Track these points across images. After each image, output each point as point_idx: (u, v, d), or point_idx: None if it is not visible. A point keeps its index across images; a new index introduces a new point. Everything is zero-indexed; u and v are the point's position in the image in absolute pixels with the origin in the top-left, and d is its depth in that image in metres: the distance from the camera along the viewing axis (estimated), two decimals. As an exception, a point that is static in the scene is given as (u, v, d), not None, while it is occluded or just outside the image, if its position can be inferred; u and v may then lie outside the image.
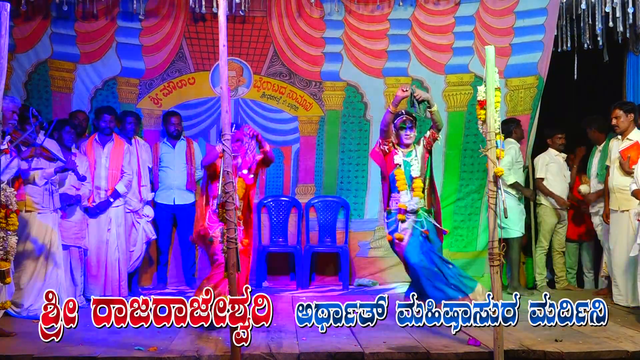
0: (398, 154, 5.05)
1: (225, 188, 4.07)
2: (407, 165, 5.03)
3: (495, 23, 6.73)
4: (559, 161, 6.68)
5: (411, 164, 5.04)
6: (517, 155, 6.34)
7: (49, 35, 6.56)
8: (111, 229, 5.90)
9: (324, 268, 6.98)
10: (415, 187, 5.00)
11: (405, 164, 5.03)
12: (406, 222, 4.97)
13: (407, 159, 5.05)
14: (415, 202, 4.98)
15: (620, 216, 5.70)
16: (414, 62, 6.84)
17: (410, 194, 5.00)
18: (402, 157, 5.05)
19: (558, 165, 6.66)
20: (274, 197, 6.88)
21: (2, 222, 4.39)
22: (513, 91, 6.77)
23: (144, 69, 6.76)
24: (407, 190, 5.00)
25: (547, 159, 6.65)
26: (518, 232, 6.33)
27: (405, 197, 4.99)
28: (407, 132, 5.06)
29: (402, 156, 5.05)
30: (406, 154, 5.07)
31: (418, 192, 5.01)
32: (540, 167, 6.61)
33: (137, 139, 6.38)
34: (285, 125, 6.95)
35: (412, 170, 5.03)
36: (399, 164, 5.03)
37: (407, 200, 4.98)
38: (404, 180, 5.00)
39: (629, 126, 5.72)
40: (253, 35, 6.80)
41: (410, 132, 5.07)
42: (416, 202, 4.99)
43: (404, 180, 5.00)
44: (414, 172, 5.02)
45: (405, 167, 5.03)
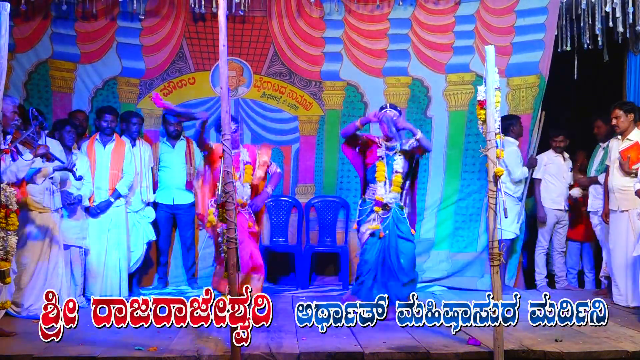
0: (381, 147, 5.19)
1: (225, 188, 4.07)
2: (390, 159, 5.17)
3: (495, 22, 6.73)
4: (558, 162, 6.67)
5: (394, 158, 5.17)
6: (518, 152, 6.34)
7: (49, 35, 6.56)
8: (111, 229, 5.90)
9: (324, 268, 6.98)
10: (395, 181, 5.13)
11: (387, 157, 5.17)
12: (375, 220, 5.13)
13: (389, 152, 5.18)
14: (392, 196, 5.12)
15: (620, 216, 5.70)
16: (414, 62, 6.84)
17: (389, 187, 5.12)
18: (385, 150, 5.18)
19: (557, 165, 6.65)
20: (274, 197, 6.86)
21: (2, 222, 4.39)
22: (515, 90, 6.76)
23: (144, 69, 6.76)
24: (386, 182, 5.13)
25: (546, 159, 6.65)
26: (512, 233, 6.32)
27: (382, 190, 5.13)
28: (389, 126, 5.14)
29: (385, 149, 5.18)
30: (390, 148, 5.19)
31: (396, 187, 5.14)
32: (538, 167, 6.61)
33: (140, 139, 6.38)
34: (285, 125, 6.95)
35: (395, 164, 5.16)
36: (382, 157, 5.16)
37: (384, 193, 5.12)
38: (383, 172, 5.14)
39: (629, 126, 5.72)
40: (253, 35, 6.80)
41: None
42: (393, 196, 5.12)
43: (383, 172, 5.14)
44: (397, 166, 5.15)
45: (387, 160, 5.16)
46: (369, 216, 5.18)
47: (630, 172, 5.56)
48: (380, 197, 5.12)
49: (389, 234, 5.12)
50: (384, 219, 5.14)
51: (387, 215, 5.14)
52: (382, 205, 5.12)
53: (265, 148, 5.43)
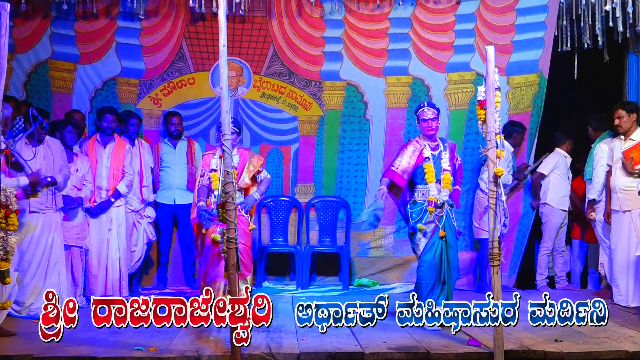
0: (426, 148, 5.09)
1: (225, 188, 4.07)
2: (437, 158, 5.09)
3: (496, 20, 6.73)
4: (567, 163, 6.70)
5: (441, 157, 5.09)
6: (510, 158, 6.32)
7: (49, 35, 6.56)
8: (112, 229, 5.90)
9: (324, 268, 6.97)
10: (444, 179, 5.04)
11: (434, 157, 5.08)
12: (431, 223, 4.99)
13: (434, 152, 5.10)
14: (445, 193, 5.02)
15: (622, 216, 5.69)
16: (415, 61, 6.84)
17: (439, 185, 5.03)
18: (431, 150, 5.10)
19: (565, 167, 6.68)
20: (273, 197, 6.87)
21: (2, 222, 4.39)
22: (515, 89, 6.76)
23: (144, 69, 6.76)
24: (436, 183, 5.02)
25: (556, 160, 6.62)
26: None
27: (434, 190, 5.01)
28: (429, 124, 5.08)
29: (431, 150, 5.10)
30: (434, 147, 5.12)
31: (447, 184, 5.04)
32: (547, 163, 6.60)
33: (139, 139, 6.38)
34: (285, 125, 6.95)
35: (442, 162, 5.07)
36: (428, 157, 5.06)
37: (437, 193, 5.01)
38: (432, 173, 5.03)
39: (631, 126, 5.72)
40: (253, 35, 6.80)
41: (433, 123, 5.09)
42: (445, 193, 5.02)
43: (432, 172, 5.03)
44: (445, 164, 5.07)
45: (434, 160, 5.07)
46: (423, 217, 5.02)
47: (633, 172, 5.56)
48: (434, 197, 4.99)
49: (445, 233, 5.00)
50: (440, 218, 5.00)
51: (441, 214, 5.01)
52: (437, 205, 4.99)
53: (257, 156, 5.41)
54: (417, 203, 5.07)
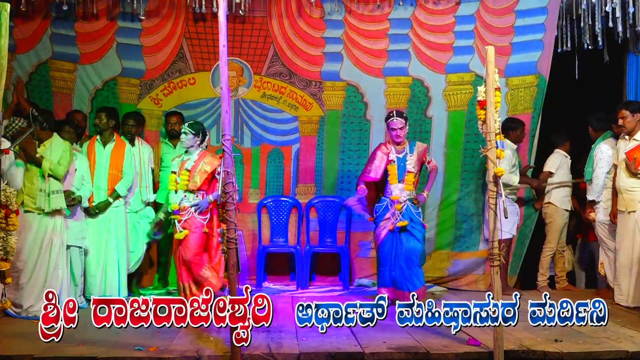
0: (392, 152, 5.68)
1: (225, 188, 4.08)
2: (401, 160, 5.64)
3: (495, 22, 6.73)
4: (567, 163, 6.71)
5: (406, 159, 5.65)
6: (512, 157, 6.32)
7: (49, 36, 6.57)
8: (111, 229, 5.89)
9: (324, 268, 6.97)
10: (407, 180, 5.62)
11: (398, 160, 5.64)
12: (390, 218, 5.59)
13: (399, 155, 5.67)
14: (406, 194, 5.61)
15: (627, 217, 5.68)
16: (415, 62, 6.84)
17: (402, 185, 5.61)
18: (396, 154, 5.67)
19: (567, 166, 6.70)
20: (274, 197, 6.88)
21: (2, 222, 4.39)
22: (513, 90, 6.76)
23: (145, 70, 6.77)
24: (398, 183, 5.62)
25: (560, 160, 6.64)
26: (507, 233, 6.31)
27: (396, 190, 5.62)
28: (397, 132, 5.62)
29: (395, 153, 5.67)
30: (399, 151, 5.68)
31: (409, 186, 5.63)
32: (552, 163, 6.62)
33: (139, 139, 6.38)
34: (286, 125, 6.96)
35: (407, 164, 5.64)
36: (393, 160, 5.65)
37: (398, 193, 5.61)
38: (395, 175, 5.63)
39: (635, 126, 5.70)
40: (253, 35, 6.80)
41: (400, 132, 5.63)
42: (407, 194, 5.61)
43: (395, 175, 5.62)
44: (409, 166, 5.64)
45: (398, 162, 5.63)
46: (384, 214, 5.64)
47: (636, 173, 5.55)
48: (396, 196, 5.60)
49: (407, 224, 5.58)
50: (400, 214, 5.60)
51: (402, 211, 5.59)
52: (398, 202, 5.59)
53: (215, 156, 5.39)
54: (381, 200, 5.73)
